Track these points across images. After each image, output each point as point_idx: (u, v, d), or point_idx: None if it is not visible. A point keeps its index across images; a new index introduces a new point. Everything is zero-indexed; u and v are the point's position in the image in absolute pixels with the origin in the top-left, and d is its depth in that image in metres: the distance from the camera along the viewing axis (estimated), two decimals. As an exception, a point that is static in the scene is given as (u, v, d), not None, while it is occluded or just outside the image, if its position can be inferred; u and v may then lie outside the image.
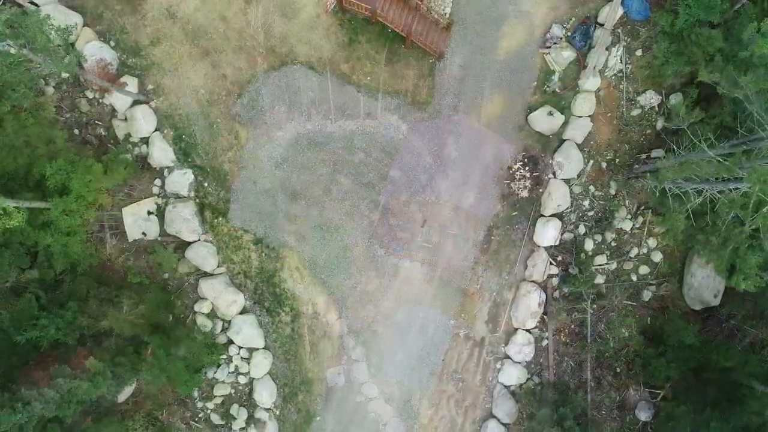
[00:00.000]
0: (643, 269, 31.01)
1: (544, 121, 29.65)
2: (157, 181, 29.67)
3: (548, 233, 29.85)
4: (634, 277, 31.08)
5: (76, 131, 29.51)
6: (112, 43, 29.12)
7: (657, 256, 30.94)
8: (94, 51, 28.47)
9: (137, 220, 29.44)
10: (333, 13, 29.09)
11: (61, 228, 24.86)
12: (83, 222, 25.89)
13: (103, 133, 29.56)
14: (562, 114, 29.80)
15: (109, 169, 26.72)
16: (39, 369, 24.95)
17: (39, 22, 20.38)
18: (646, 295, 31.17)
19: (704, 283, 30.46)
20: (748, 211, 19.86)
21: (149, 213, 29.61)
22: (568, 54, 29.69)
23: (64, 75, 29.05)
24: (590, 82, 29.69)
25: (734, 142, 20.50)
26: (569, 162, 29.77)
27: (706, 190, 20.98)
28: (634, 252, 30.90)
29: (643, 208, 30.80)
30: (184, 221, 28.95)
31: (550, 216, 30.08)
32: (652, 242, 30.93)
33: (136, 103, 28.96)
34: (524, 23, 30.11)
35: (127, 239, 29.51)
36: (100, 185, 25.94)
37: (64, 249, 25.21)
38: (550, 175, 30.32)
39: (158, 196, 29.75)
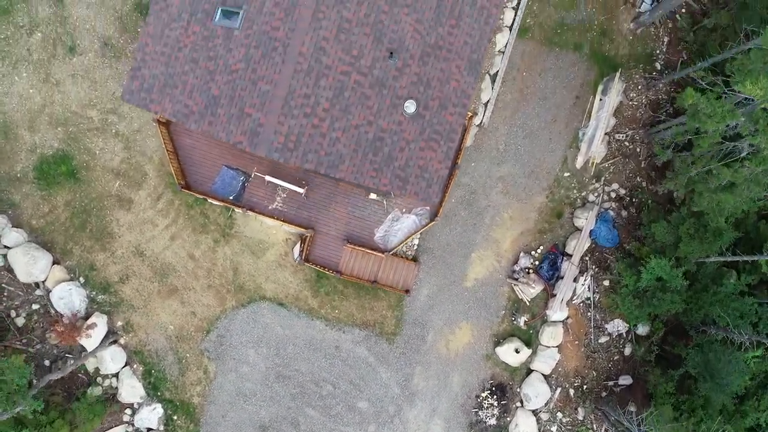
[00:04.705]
0: (612, 488, 31.20)
1: (511, 356, 29.76)
2: (128, 410, 29.87)
3: (516, 464, 30.03)
4: (603, 496, 31.28)
5: (46, 362, 29.73)
6: (81, 280, 29.30)
7: (627, 477, 31.10)
8: (63, 294, 28.64)
9: (108, 448, 29.70)
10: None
11: None
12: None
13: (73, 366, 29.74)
14: (528, 348, 29.91)
15: (76, 425, 26.87)
16: None
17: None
18: None
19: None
20: None
21: (120, 439, 29.92)
22: (536, 287, 29.83)
23: (35, 306, 29.33)
24: (558, 314, 29.80)
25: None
26: (536, 395, 29.87)
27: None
28: (603, 473, 31.10)
29: (613, 430, 30.92)
30: (153, 459, 29.21)
31: (517, 446, 30.26)
32: (621, 462, 31.08)
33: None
34: (492, 251, 30.25)
35: (98, 467, 29.80)
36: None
37: None
38: (518, 404, 30.45)
39: (129, 424, 29.97)
